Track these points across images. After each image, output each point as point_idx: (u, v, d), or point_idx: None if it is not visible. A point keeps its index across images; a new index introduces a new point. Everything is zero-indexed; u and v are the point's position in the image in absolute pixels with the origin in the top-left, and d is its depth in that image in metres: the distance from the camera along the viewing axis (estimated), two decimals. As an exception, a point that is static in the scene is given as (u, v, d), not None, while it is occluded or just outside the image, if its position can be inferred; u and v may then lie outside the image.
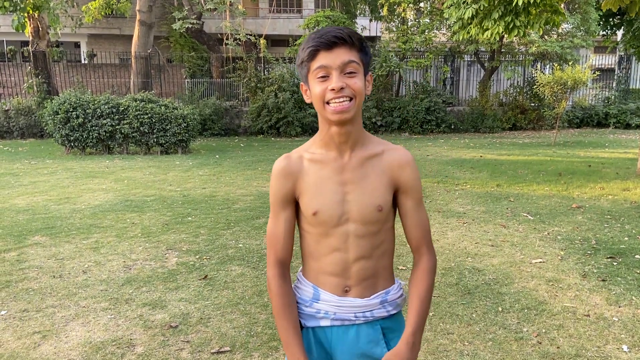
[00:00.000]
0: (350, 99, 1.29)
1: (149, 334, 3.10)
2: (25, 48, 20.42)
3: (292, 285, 1.47)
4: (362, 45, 1.33)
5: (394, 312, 1.45)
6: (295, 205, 1.44)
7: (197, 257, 4.54)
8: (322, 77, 1.30)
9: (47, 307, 3.48)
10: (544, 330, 3.14)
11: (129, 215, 6.06)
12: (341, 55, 1.28)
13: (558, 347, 2.93)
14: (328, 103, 1.30)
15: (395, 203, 1.44)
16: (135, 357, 2.83)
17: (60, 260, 4.45)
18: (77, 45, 25.02)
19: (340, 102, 1.29)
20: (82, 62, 22.98)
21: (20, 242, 4.98)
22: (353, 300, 1.39)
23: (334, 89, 1.28)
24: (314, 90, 1.32)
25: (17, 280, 3.97)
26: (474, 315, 3.36)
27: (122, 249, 4.75)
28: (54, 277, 4.04)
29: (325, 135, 1.37)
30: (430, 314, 3.38)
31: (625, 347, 2.92)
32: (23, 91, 15.94)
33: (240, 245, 4.89)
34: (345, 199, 1.36)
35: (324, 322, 1.41)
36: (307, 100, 1.38)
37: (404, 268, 4.25)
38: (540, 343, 2.98)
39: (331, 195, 1.36)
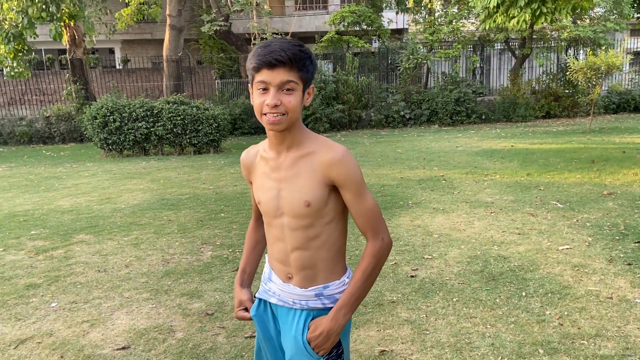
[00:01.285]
0: (283, 114, 1.42)
1: (187, 321, 3.32)
2: (62, 56, 21.23)
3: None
4: (303, 66, 1.42)
5: (331, 306, 1.53)
6: None
7: (230, 250, 4.76)
8: (262, 89, 1.43)
9: (94, 298, 3.75)
10: (566, 313, 3.21)
11: (166, 212, 6.34)
12: (280, 75, 1.40)
13: (579, 328, 3.00)
14: (264, 114, 1.44)
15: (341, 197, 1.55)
16: (175, 341, 3.05)
17: (104, 256, 4.74)
18: (111, 51, 25.79)
19: (273, 116, 1.42)
20: (117, 67, 23.72)
21: (67, 240, 5.31)
22: (293, 288, 1.56)
23: (268, 105, 1.41)
24: (254, 100, 1.46)
25: (65, 275, 4.27)
26: (497, 300, 3.45)
27: (161, 245, 5.02)
28: (99, 271, 4.32)
29: (270, 139, 1.54)
30: (454, 299, 3.49)
31: (647, 328, 2.97)
32: (62, 98, 16.61)
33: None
34: (279, 194, 1.52)
35: (273, 300, 1.60)
36: (252, 102, 1.50)
37: (429, 257, 4.36)
38: (561, 325, 3.06)
39: (269, 190, 1.54)
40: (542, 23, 8.20)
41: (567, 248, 4.41)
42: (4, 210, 6.83)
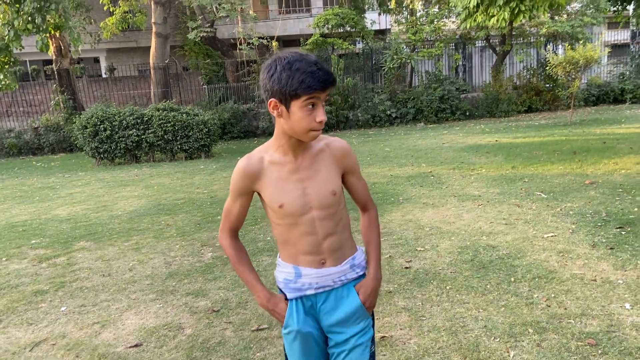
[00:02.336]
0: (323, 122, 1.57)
1: (195, 318, 3.48)
2: (48, 67, 21.18)
3: (275, 271, 1.82)
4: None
5: (362, 272, 1.79)
6: (251, 195, 1.73)
7: (230, 251, 4.91)
8: (311, 106, 1.54)
9: (102, 301, 3.89)
10: (553, 295, 3.41)
11: (163, 217, 6.47)
12: (326, 93, 1.55)
13: (565, 309, 3.20)
14: (313, 130, 1.56)
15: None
16: (185, 337, 3.21)
17: (106, 261, 4.86)
18: (96, 60, 25.73)
19: (318, 130, 1.57)
20: (103, 76, 23.70)
21: (68, 248, 5.42)
22: (329, 270, 1.70)
23: (321, 122, 1.54)
24: (299, 117, 1.53)
25: (71, 280, 4.39)
26: (488, 286, 3.65)
27: (161, 248, 5.15)
28: (104, 276, 4.46)
29: (285, 144, 1.63)
30: (447, 287, 3.69)
31: (627, 305, 3.18)
32: (50, 108, 16.61)
33: (269, 238, 5.24)
34: (304, 192, 1.64)
35: (309, 292, 1.71)
36: (277, 116, 1.57)
37: (422, 249, 4.55)
38: (549, 306, 3.26)
39: (293, 192, 1.64)
40: (521, 20, 8.45)
41: (552, 235, 4.63)
42: (2, 221, 6.91)
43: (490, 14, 8.64)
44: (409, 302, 3.49)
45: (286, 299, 1.74)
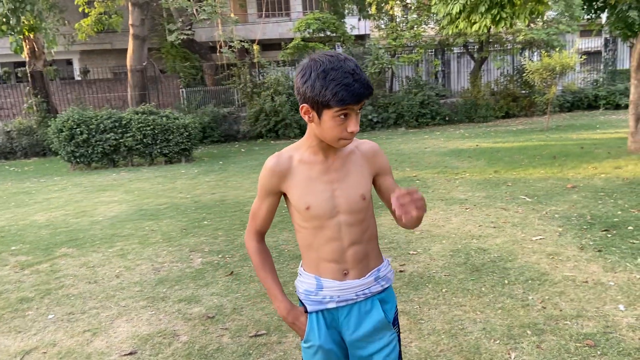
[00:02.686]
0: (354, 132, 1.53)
1: (189, 324, 3.40)
2: (20, 69, 20.66)
3: (296, 280, 1.75)
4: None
5: (387, 285, 1.70)
6: (279, 195, 1.67)
7: (220, 256, 4.84)
8: (343, 116, 1.49)
9: (90, 308, 3.78)
10: (547, 297, 3.45)
11: (147, 223, 6.34)
12: (362, 103, 1.50)
13: (561, 310, 3.24)
14: (343, 139, 1.52)
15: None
16: (181, 344, 3.13)
17: (91, 267, 4.74)
18: (69, 62, 25.22)
19: (349, 139, 1.53)
20: (75, 78, 23.22)
21: (49, 254, 5.26)
22: (352, 282, 1.61)
23: (353, 132, 1.50)
24: (330, 126, 1.49)
25: (56, 287, 4.26)
26: (483, 289, 3.67)
27: (148, 254, 5.05)
28: (90, 282, 4.33)
29: (316, 145, 1.59)
30: (443, 290, 3.69)
31: (621, 307, 3.23)
32: (23, 112, 16.19)
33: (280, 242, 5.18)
34: (333, 195, 1.59)
35: (330, 305, 1.63)
36: (309, 121, 1.54)
37: (414, 252, 4.56)
38: (544, 308, 3.29)
39: (321, 193, 1.59)
40: (502, 27, 8.59)
41: (541, 238, 4.69)
42: (-23, 227, 6.68)
43: (473, 21, 8.78)
44: (407, 306, 3.48)
45: (306, 311, 1.67)
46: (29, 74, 15.38)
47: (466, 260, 4.27)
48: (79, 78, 22.64)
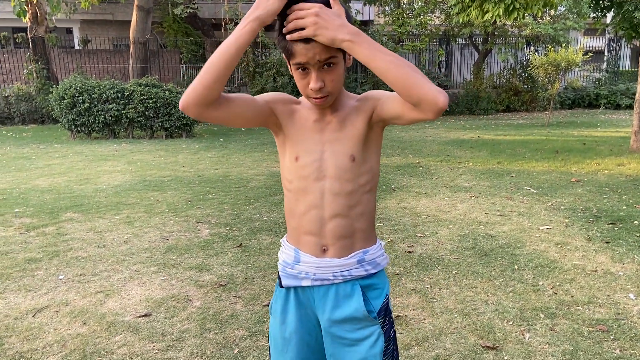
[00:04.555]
0: (327, 95, 1.34)
1: (202, 291, 3.41)
2: (20, 34, 20.32)
3: (279, 252, 1.56)
4: None
5: (374, 271, 1.47)
6: (268, 112, 1.42)
7: (227, 228, 4.84)
8: (301, 70, 1.31)
9: (101, 271, 3.77)
10: (558, 283, 3.49)
11: (151, 193, 6.32)
12: (318, 52, 1.25)
13: (572, 296, 3.28)
14: (308, 96, 1.36)
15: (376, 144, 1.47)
16: (195, 309, 3.14)
17: (99, 232, 4.72)
18: (69, 31, 24.86)
19: (319, 98, 1.34)
20: (75, 48, 22.90)
21: (55, 218, 5.23)
22: (330, 261, 1.43)
23: (312, 89, 1.31)
24: (297, 81, 1.34)
25: (65, 250, 4.24)
26: (493, 273, 3.70)
27: (155, 223, 5.03)
28: (99, 247, 4.32)
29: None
30: (453, 272, 3.72)
31: (632, 295, 3.28)
32: (22, 77, 15.97)
33: (265, 218, 5.19)
34: (322, 156, 1.41)
35: (305, 282, 1.45)
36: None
37: (422, 235, 4.59)
38: (555, 293, 3.33)
39: (312, 153, 1.42)
40: (515, 18, 8.55)
41: (547, 228, 4.73)
42: (-21, 188, 6.62)
43: (485, 10, 8.73)
44: (418, 285, 3.51)
45: (280, 285, 1.51)
46: (30, 40, 15.13)
47: (474, 245, 4.30)
48: (79, 47, 22.33)
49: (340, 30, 1.20)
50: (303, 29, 1.22)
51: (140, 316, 3.04)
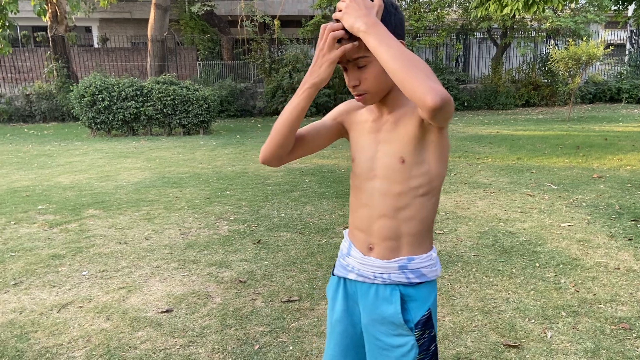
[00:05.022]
0: (364, 93, 1.37)
1: (222, 287, 3.44)
2: (40, 33, 20.65)
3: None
4: None
5: (417, 281, 1.42)
6: (339, 127, 1.54)
7: (246, 225, 4.87)
8: (344, 70, 1.38)
9: (123, 267, 3.83)
10: (580, 281, 3.44)
11: (170, 190, 6.38)
12: (348, 51, 1.31)
13: (594, 294, 3.24)
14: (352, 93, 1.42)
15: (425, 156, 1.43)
16: (216, 305, 3.17)
17: (120, 229, 4.78)
18: (88, 29, 25.18)
19: (357, 95, 1.40)
20: (95, 46, 23.19)
21: (77, 214, 5.32)
22: (373, 260, 1.44)
23: (351, 87, 1.39)
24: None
25: (87, 246, 4.31)
26: (513, 270, 3.67)
27: (175, 219, 5.09)
28: (120, 243, 4.38)
29: None
30: (473, 269, 3.70)
31: (655, 294, 3.22)
32: (43, 76, 16.22)
33: (283, 214, 5.21)
34: (375, 156, 1.43)
35: (351, 276, 1.49)
36: None
37: (441, 232, 4.57)
38: (577, 291, 3.29)
39: (366, 150, 1.46)
40: (535, 12, 8.43)
41: (569, 225, 4.67)
42: (3, 186, 6.76)
43: (504, 4, 8.62)
44: (437, 282, 3.48)
45: (333, 273, 1.57)
46: (50, 39, 15.35)
47: (494, 242, 4.26)
48: (98, 46, 22.61)
49: (360, 19, 1.23)
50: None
51: (162, 312, 3.08)
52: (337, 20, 1.28)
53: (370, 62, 1.33)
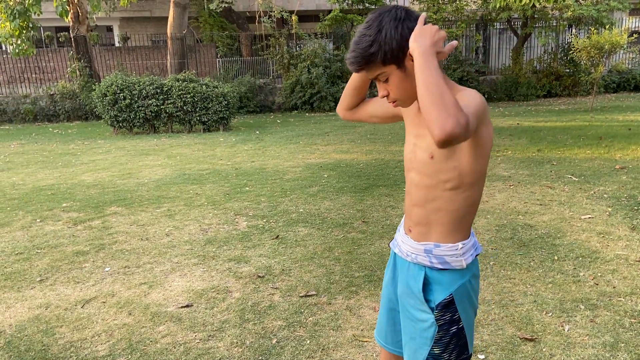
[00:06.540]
0: (395, 100, 1.52)
1: (241, 282, 3.50)
2: (62, 33, 21.03)
3: None
4: (370, 58, 1.42)
5: (440, 267, 1.52)
6: (394, 113, 1.73)
7: (264, 220, 4.93)
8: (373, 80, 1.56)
9: (145, 263, 3.92)
10: (599, 274, 3.41)
11: (191, 187, 6.48)
12: (369, 72, 1.49)
13: (614, 287, 3.21)
14: None
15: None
16: (234, 300, 3.23)
17: (141, 226, 4.89)
18: (109, 29, 25.55)
19: (390, 103, 1.55)
20: (116, 45, 23.55)
21: (100, 212, 5.44)
22: (409, 240, 1.61)
23: (382, 97, 1.55)
24: None
25: (110, 243, 4.42)
26: (532, 264, 3.65)
27: (195, 215, 5.17)
28: (142, 239, 4.48)
29: None
30: (491, 263, 3.69)
31: (677, 286, 3.18)
32: (66, 75, 16.54)
33: (301, 210, 5.25)
34: (413, 149, 1.57)
35: (396, 250, 1.69)
36: None
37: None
38: (597, 284, 3.26)
39: (408, 144, 1.61)
40: (556, 1, 8.27)
41: (589, 217, 4.61)
42: (29, 184, 6.94)
43: (523, -7, 8.49)
44: (454, 276, 3.49)
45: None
46: (72, 39, 15.64)
47: (513, 236, 4.24)
48: (119, 45, 22.94)
49: (424, 43, 1.33)
50: None
51: (182, 307, 3.16)
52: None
53: (389, 75, 1.47)
